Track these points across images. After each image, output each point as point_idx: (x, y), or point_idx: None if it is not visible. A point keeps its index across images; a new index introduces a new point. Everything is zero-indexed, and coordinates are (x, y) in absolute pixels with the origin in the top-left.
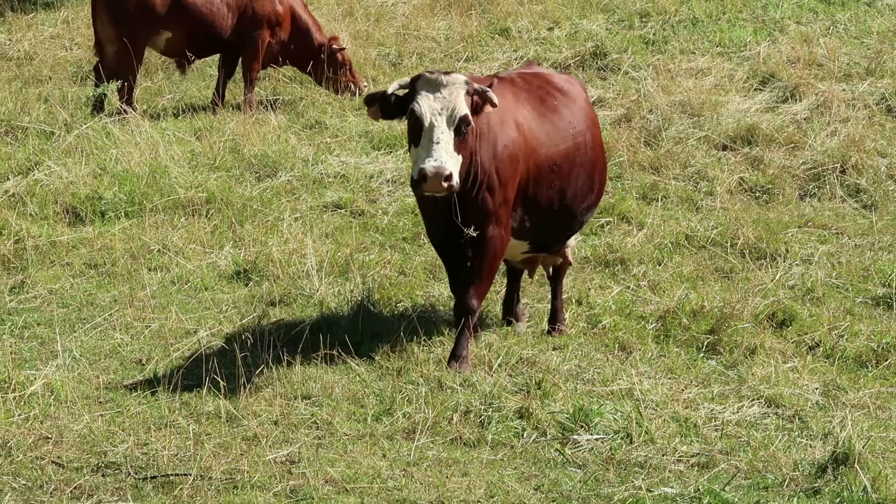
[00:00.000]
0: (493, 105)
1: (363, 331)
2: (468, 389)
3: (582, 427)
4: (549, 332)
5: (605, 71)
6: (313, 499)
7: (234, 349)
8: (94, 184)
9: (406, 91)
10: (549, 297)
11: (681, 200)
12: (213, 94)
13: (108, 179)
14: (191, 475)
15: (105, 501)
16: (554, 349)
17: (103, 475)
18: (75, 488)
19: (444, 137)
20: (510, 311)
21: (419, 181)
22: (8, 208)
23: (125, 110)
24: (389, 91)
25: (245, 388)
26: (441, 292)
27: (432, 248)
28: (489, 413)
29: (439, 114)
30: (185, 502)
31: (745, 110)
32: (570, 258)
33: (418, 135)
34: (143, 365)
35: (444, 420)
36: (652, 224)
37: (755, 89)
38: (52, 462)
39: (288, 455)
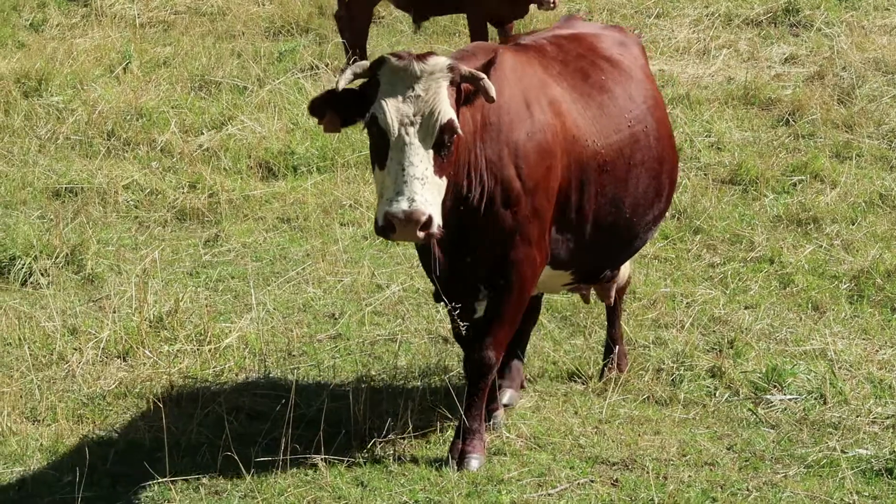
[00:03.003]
0: (489, 99)
1: None
2: (660, 348)
3: (775, 387)
4: (601, 377)
5: (797, 27)
6: (506, 454)
7: (428, 303)
8: (287, 139)
9: (364, 82)
10: (606, 323)
11: (875, 159)
12: None
13: (300, 134)
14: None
15: (300, 452)
16: (746, 308)
17: (296, 427)
18: (271, 440)
19: (419, 159)
20: (503, 370)
21: (385, 229)
22: (202, 163)
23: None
24: (340, 86)
25: (440, 342)
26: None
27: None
28: (681, 372)
29: (411, 122)
30: (378, 455)
31: None
32: (628, 274)
33: (383, 154)
34: (335, 319)
35: (636, 378)
36: (845, 183)
37: None
38: (248, 414)
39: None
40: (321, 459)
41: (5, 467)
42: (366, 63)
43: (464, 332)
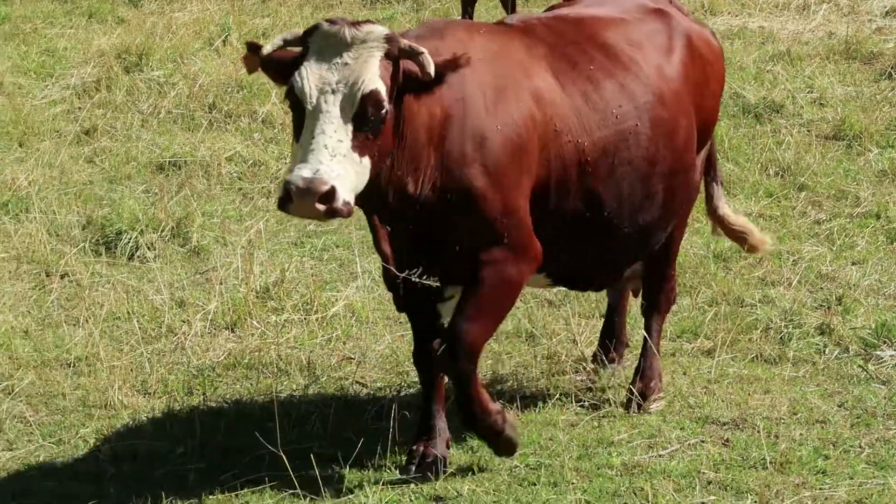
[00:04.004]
0: (427, 77)
1: None
2: (767, 306)
3: (885, 342)
4: (627, 406)
5: None
6: (614, 416)
7: None
8: None
9: (296, 49)
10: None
11: None
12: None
13: None
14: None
15: (411, 421)
16: (853, 264)
17: (405, 395)
18: (378, 409)
19: (333, 129)
20: (607, 346)
21: (283, 200)
22: None
23: None
24: (265, 50)
25: (544, 306)
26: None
27: None
28: (789, 330)
29: (332, 91)
30: None
31: None
32: (675, 284)
33: (299, 124)
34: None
35: (744, 337)
36: None
37: None
38: (356, 382)
39: (588, 374)
40: None
41: (118, 440)
42: (298, 31)
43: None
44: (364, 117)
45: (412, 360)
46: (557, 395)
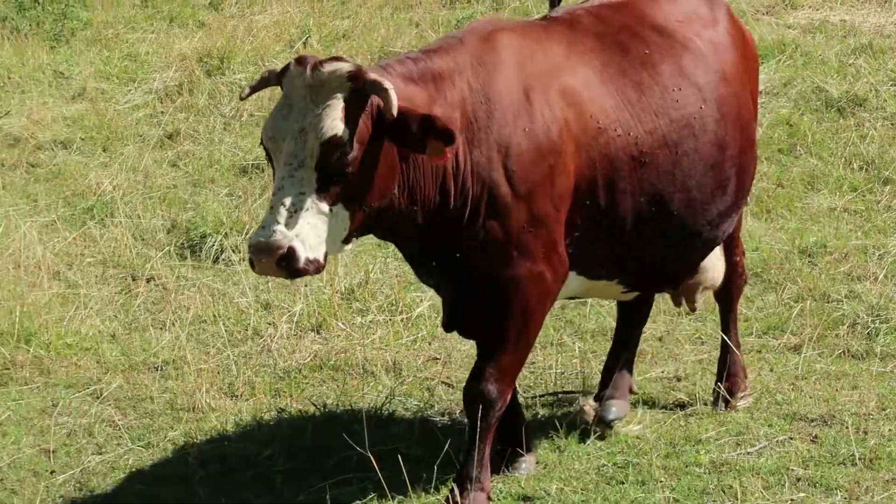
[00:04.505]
0: (390, 115)
1: None
2: (854, 301)
3: None
4: (714, 403)
5: None
6: (702, 414)
7: None
8: None
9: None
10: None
11: None
12: None
13: None
14: (578, 393)
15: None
16: None
17: None
18: None
19: (291, 184)
20: (608, 379)
21: (251, 261)
22: None
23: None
24: (244, 95)
25: None
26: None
27: None
28: (876, 325)
29: (294, 140)
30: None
31: None
32: (742, 269)
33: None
34: None
35: (831, 333)
36: None
37: None
38: (442, 382)
39: (675, 371)
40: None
41: (206, 443)
42: (276, 69)
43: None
44: (327, 165)
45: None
46: (641, 393)
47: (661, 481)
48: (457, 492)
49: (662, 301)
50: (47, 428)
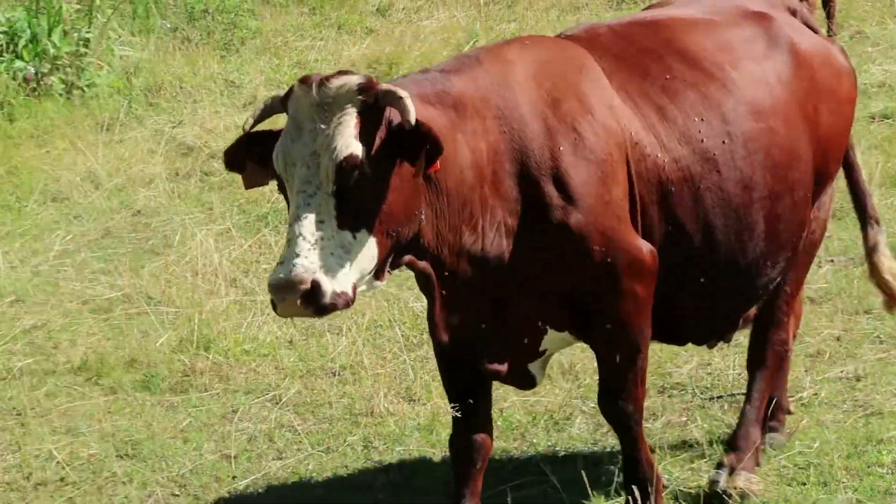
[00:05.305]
0: (405, 122)
1: None
2: None
3: None
4: (714, 477)
5: None
6: (882, 414)
7: None
8: None
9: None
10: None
11: None
12: None
13: None
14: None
15: (673, 422)
16: None
17: (669, 396)
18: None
19: (308, 212)
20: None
21: (273, 303)
22: None
23: None
24: (248, 126)
25: (810, 302)
26: None
27: None
28: None
29: (307, 166)
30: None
31: None
32: (798, 306)
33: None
34: None
35: None
36: None
37: None
38: None
39: (854, 371)
40: (694, 427)
41: (385, 447)
42: (279, 94)
43: None
44: (345, 188)
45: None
46: (823, 394)
47: (842, 482)
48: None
49: (839, 300)
50: (228, 434)
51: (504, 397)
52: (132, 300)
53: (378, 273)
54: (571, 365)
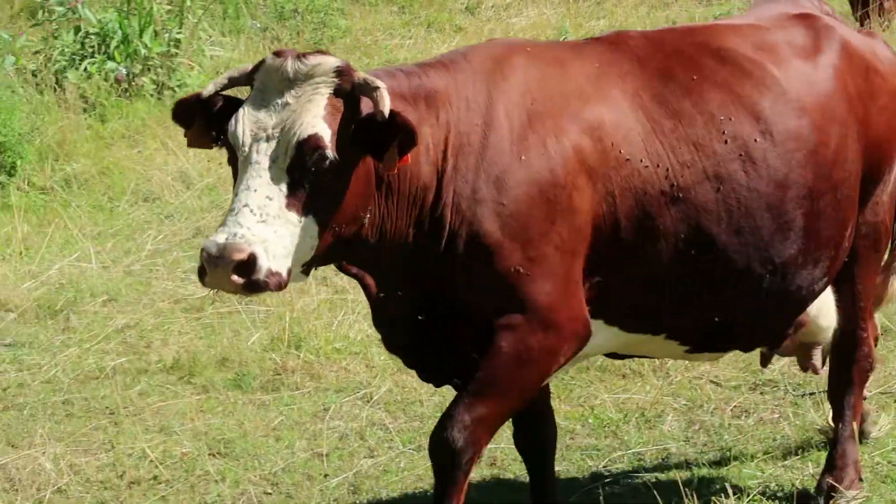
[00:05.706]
0: (381, 117)
1: None
2: None
3: None
4: (818, 494)
5: None
6: None
7: None
8: None
9: (245, 86)
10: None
11: None
12: None
13: None
14: None
15: (766, 419)
16: None
17: (761, 393)
18: (735, 407)
19: (260, 184)
20: None
21: (199, 270)
22: None
23: None
24: (206, 91)
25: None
26: None
27: None
28: None
29: (266, 138)
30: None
31: None
32: (875, 329)
33: (236, 177)
34: None
35: None
36: None
37: None
38: (710, 381)
39: None
40: (787, 424)
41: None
42: (247, 66)
43: None
44: (302, 168)
45: None
46: None
47: None
48: None
49: None
50: (319, 432)
51: (595, 395)
52: (224, 299)
53: (310, 263)
54: (662, 362)
